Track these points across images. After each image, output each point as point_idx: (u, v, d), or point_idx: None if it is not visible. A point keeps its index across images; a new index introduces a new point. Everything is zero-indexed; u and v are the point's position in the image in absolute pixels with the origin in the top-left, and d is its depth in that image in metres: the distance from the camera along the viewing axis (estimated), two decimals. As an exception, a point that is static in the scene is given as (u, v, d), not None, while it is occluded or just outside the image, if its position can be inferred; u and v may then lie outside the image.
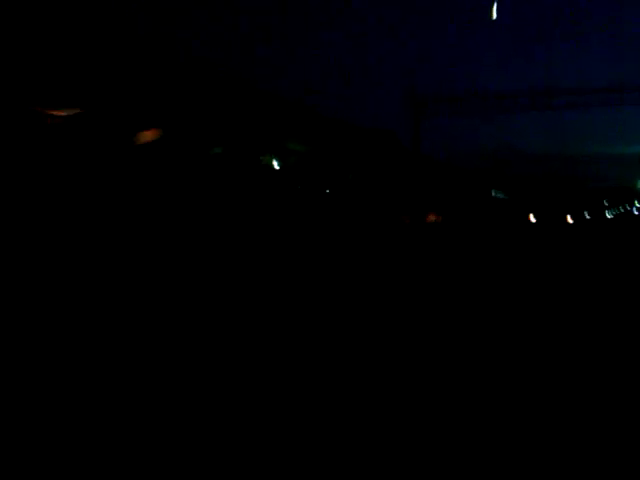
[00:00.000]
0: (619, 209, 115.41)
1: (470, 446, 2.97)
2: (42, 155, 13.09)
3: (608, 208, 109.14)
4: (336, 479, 2.63)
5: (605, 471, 2.69)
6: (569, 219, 62.74)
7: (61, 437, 3.06)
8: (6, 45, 12.09)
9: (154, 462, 2.76)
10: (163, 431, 3.15)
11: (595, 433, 3.16)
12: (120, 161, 15.75)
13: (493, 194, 54.89)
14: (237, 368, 4.55)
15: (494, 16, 56.90)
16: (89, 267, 9.98)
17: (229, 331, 5.89)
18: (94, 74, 14.94)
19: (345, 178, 32.05)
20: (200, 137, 20.66)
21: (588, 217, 76.38)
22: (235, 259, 12.70)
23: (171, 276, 9.88)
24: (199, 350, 5.08)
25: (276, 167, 26.35)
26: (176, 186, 17.54)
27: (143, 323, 6.15)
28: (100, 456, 2.83)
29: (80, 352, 4.92)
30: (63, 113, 13.74)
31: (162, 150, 17.19)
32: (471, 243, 21.66)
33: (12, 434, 3.11)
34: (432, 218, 36.79)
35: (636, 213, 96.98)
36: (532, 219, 54.73)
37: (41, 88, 13.37)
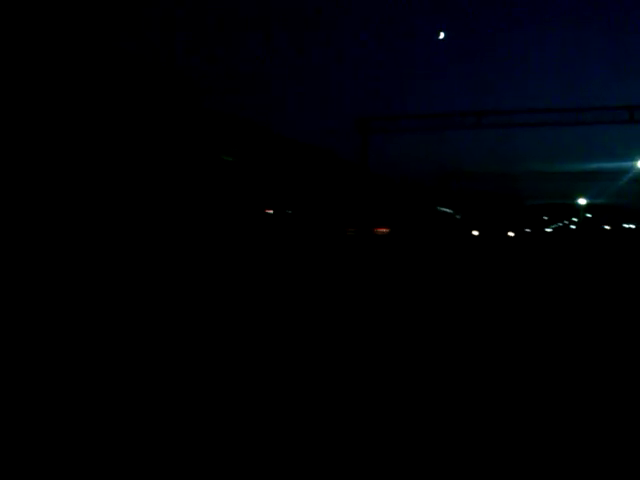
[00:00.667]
0: (558, 224, 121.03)
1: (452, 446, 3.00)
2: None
3: (548, 223, 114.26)
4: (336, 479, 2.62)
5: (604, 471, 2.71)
6: (510, 233, 65.16)
7: (61, 437, 2.95)
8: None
9: (154, 462, 2.69)
10: (163, 431, 3.06)
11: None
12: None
13: (438, 208, 56.36)
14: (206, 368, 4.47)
15: (441, 36, 59.21)
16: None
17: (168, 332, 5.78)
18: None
19: (294, 191, 32.41)
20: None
21: (528, 231, 79.57)
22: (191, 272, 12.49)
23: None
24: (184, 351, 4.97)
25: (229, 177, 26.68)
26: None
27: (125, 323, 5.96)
28: (100, 456, 2.75)
29: (81, 350, 4.75)
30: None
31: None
32: (416, 254, 22.09)
33: (12, 434, 2.99)
34: (378, 230, 37.38)
35: (573, 227, 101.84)
36: (475, 232, 56.46)
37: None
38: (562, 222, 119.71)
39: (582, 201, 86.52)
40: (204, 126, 24.30)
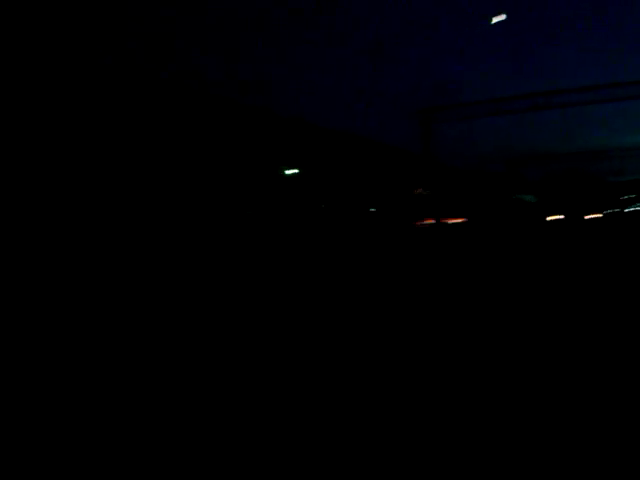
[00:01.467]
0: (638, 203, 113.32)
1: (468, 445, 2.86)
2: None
3: (628, 202, 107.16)
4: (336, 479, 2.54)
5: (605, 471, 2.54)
6: (589, 215, 61.85)
7: (61, 437, 3.01)
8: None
9: (154, 462, 2.71)
10: (163, 431, 3.08)
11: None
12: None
13: (512, 196, 54.39)
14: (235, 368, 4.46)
15: (494, 20, 57.04)
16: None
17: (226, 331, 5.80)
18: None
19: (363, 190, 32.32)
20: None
21: (608, 212, 75.15)
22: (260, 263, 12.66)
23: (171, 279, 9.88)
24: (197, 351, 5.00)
25: (296, 180, 27.08)
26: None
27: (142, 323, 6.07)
28: (100, 456, 2.78)
29: (81, 352, 4.88)
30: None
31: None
32: (493, 244, 21.37)
33: (12, 434, 3.07)
34: (451, 221, 36.55)
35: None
36: (552, 218, 54.03)
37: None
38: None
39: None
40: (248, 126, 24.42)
